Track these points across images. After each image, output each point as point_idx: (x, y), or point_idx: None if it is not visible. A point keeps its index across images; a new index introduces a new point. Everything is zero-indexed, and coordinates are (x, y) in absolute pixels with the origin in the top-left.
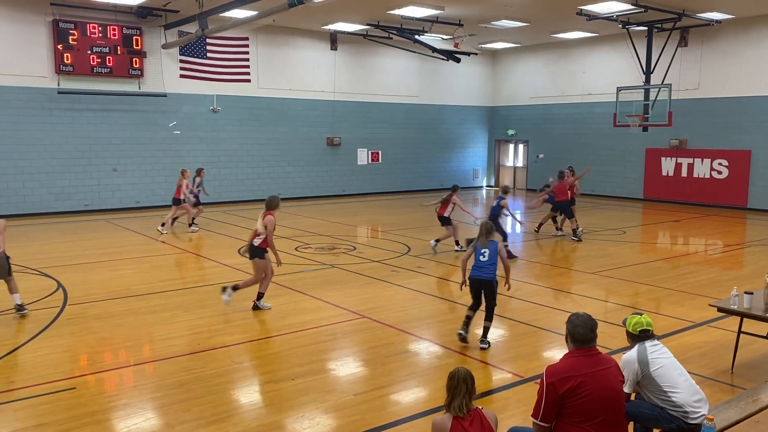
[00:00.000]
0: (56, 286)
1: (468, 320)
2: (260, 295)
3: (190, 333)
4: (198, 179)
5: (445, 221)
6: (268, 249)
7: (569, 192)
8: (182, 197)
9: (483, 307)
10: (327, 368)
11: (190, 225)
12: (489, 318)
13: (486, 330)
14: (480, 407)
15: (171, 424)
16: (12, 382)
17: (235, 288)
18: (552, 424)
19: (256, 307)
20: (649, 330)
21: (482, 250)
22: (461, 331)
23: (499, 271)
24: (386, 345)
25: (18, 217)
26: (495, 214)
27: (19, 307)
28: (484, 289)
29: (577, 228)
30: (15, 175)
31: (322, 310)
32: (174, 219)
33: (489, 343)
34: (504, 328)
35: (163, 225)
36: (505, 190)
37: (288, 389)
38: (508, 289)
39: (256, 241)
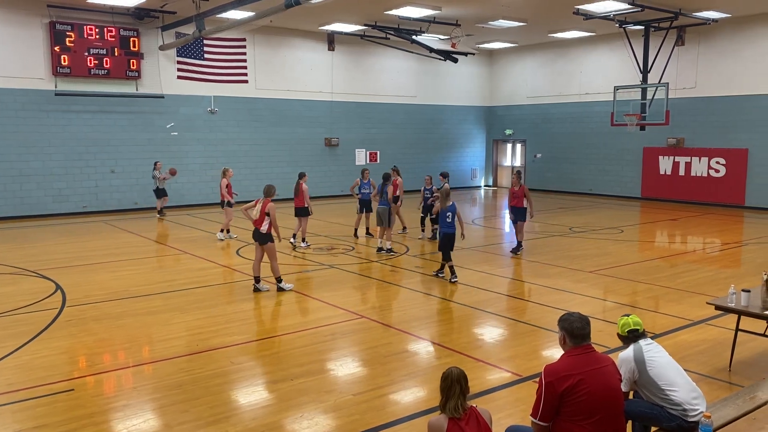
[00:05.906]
0: (54, 288)
1: (443, 268)
2: (280, 278)
3: (189, 334)
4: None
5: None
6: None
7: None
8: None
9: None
10: (326, 368)
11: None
12: (450, 258)
13: (452, 268)
14: (474, 405)
15: (170, 424)
16: (11, 384)
17: (278, 281)
18: (550, 423)
19: (280, 289)
20: (638, 329)
21: (447, 213)
22: (440, 274)
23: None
24: (385, 345)
25: (16, 219)
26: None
27: None
28: (450, 241)
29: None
30: (13, 177)
31: (320, 310)
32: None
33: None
34: (502, 327)
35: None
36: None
37: (287, 389)
38: (463, 239)
39: (264, 228)
